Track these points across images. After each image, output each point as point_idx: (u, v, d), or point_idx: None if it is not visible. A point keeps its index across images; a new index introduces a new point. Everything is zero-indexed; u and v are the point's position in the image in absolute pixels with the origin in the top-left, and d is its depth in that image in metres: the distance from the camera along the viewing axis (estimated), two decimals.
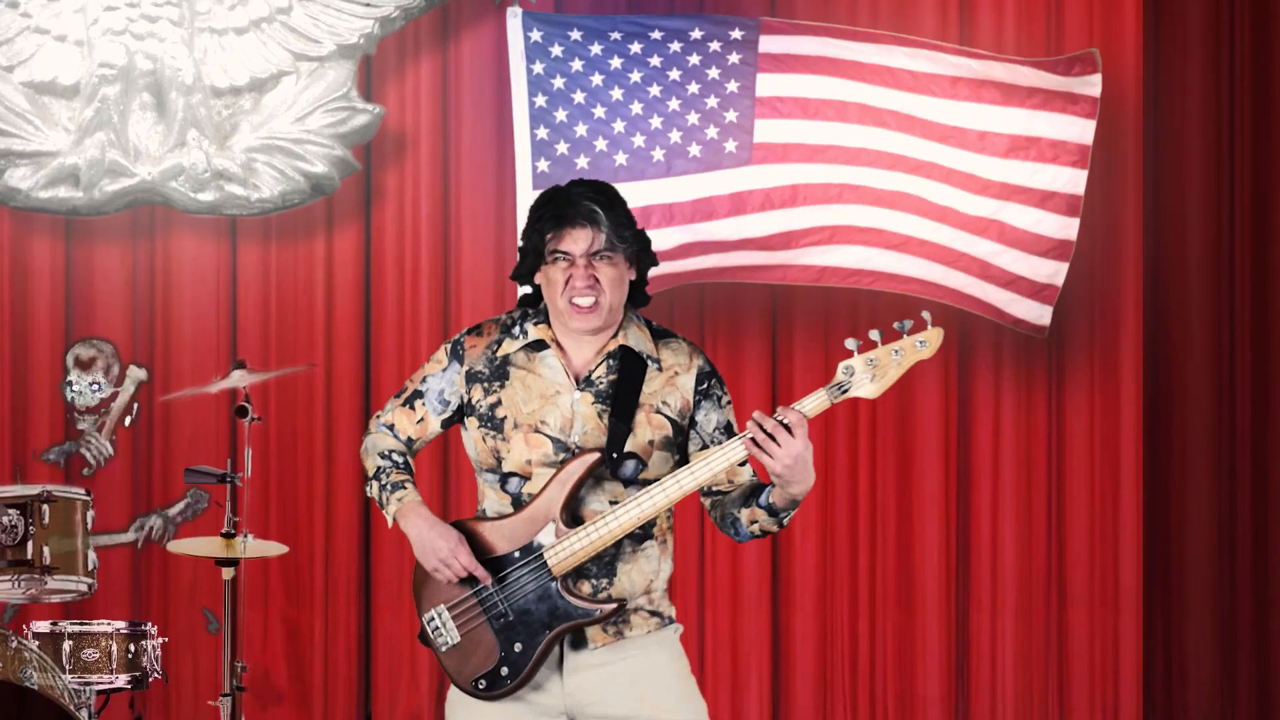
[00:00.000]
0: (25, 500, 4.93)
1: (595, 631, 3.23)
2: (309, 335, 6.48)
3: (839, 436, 6.50)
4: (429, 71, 6.49)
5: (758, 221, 6.02)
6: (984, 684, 6.48)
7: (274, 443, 6.44)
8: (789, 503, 3.18)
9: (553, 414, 3.24)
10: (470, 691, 3.22)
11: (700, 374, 3.30)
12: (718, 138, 5.96)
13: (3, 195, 6.28)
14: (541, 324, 3.29)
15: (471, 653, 3.22)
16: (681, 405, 3.28)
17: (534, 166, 5.89)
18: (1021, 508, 6.49)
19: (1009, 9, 6.45)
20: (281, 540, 6.05)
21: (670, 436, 3.26)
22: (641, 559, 3.26)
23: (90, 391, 6.38)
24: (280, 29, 6.32)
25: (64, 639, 5.06)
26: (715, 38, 5.97)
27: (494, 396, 3.27)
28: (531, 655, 3.19)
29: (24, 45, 6.27)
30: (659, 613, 3.29)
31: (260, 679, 6.41)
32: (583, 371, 3.27)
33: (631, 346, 3.28)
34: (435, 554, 3.21)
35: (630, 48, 5.96)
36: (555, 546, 3.18)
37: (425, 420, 3.33)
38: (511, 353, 3.29)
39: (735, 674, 6.47)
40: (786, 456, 3.07)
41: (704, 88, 5.97)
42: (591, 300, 3.22)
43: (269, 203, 6.33)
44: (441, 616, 3.24)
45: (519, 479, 3.25)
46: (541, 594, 3.19)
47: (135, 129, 6.27)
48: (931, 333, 3.19)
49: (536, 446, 3.24)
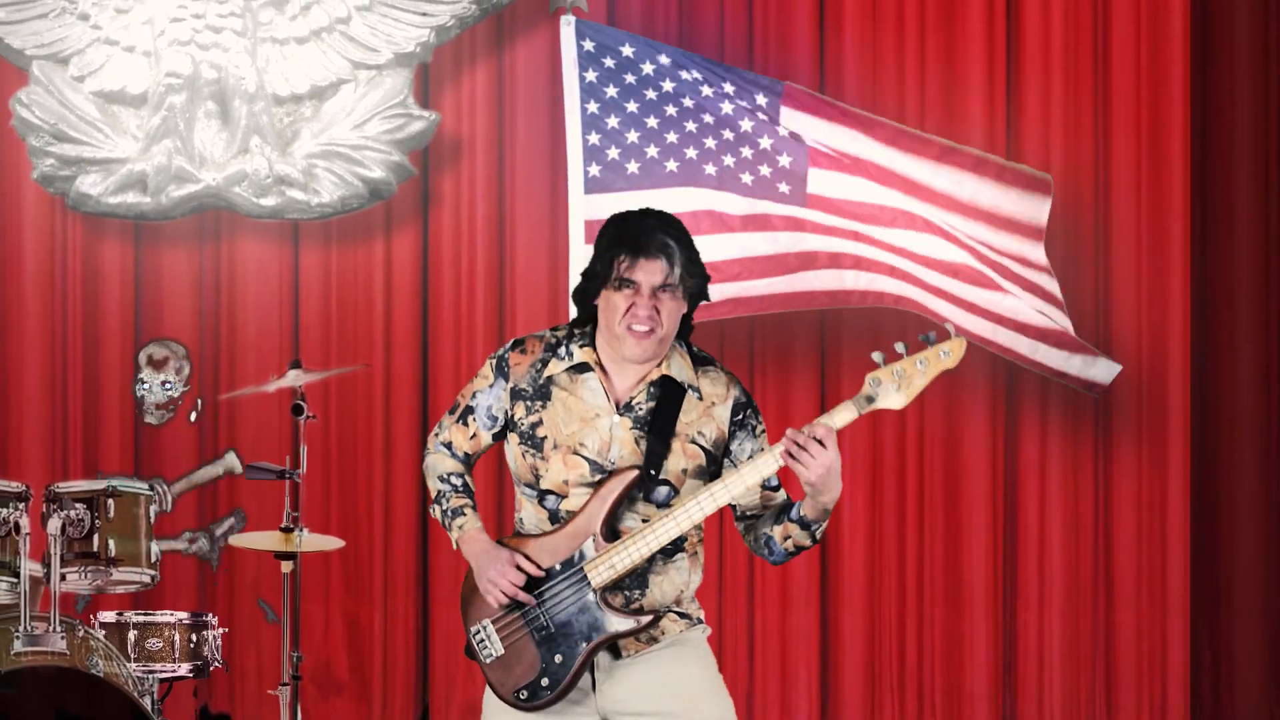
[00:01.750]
0: (92, 495, 5.04)
1: (629, 642, 3.32)
2: (368, 335, 6.56)
3: (887, 437, 6.50)
4: (484, 78, 6.56)
5: (816, 240, 6.02)
6: (1031, 682, 6.47)
7: (335, 440, 6.55)
8: (820, 513, 3.27)
9: (591, 436, 3.32)
10: (512, 702, 3.31)
11: (736, 405, 3.37)
12: (770, 177, 5.97)
13: (74, 201, 6.39)
14: (587, 347, 3.35)
15: (514, 664, 3.30)
16: (716, 436, 3.35)
17: (586, 171, 5.95)
18: (1069, 507, 6.47)
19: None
20: (342, 535, 6.15)
21: (703, 466, 3.34)
22: (673, 570, 3.34)
23: (161, 389, 6.48)
24: (340, 38, 6.40)
25: (129, 629, 5.16)
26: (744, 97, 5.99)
27: (535, 416, 3.34)
28: (571, 666, 3.27)
29: (94, 56, 6.38)
30: (687, 615, 3.38)
31: (321, 670, 6.52)
32: (624, 397, 3.34)
33: (673, 376, 3.35)
34: (485, 574, 3.30)
35: (681, 74, 6.00)
36: (595, 560, 3.27)
37: (478, 436, 3.42)
38: (556, 374, 3.36)
39: (785, 670, 6.49)
40: (819, 467, 3.17)
41: (757, 126, 5.99)
42: (648, 329, 3.29)
43: (329, 207, 6.42)
44: (486, 629, 3.33)
45: (556, 496, 3.33)
46: (581, 607, 3.27)
47: (200, 136, 6.36)
48: (954, 342, 3.25)
49: (574, 467, 3.31)
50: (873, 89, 6.42)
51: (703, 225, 5.94)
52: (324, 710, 6.54)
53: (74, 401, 6.56)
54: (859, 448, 6.49)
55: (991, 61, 6.48)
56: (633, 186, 5.88)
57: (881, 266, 6.00)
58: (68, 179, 6.38)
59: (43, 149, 6.36)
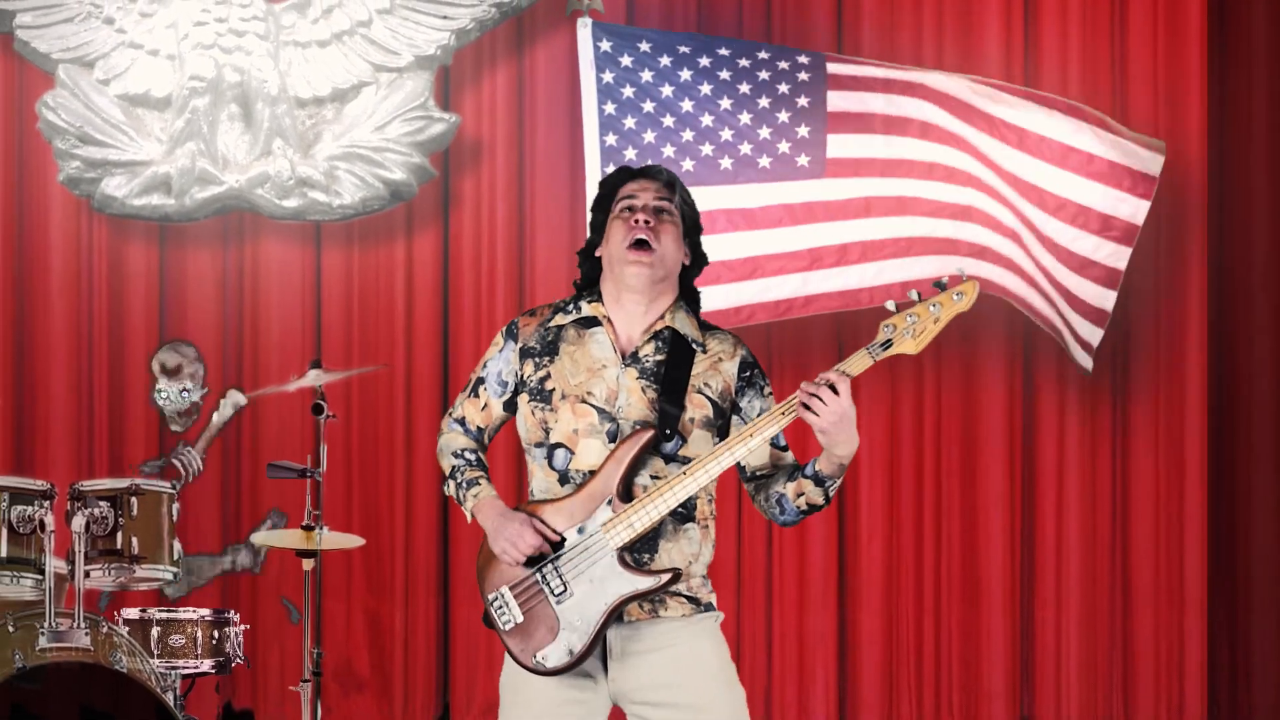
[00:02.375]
0: (115, 493, 5.09)
1: (633, 606, 3.31)
2: (389, 335, 6.60)
3: (904, 433, 6.52)
4: (504, 81, 6.59)
5: (830, 231, 6.04)
6: (1049, 680, 6.47)
7: (356, 440, 6.59)
8: (836, 468, 3.28)
9: (599, 386, 3.36)
10: (532, 668, 3.31)
11: (744, 362, 3.42)
12: (789, 152, 5.98)
13: (100, 203, 6.44)
14: (595, 302, 3.43)
15: (534, 630, 3.31)
16: (723, 388, 3.39)
17: (603, 172, 5.92)
18: (1086, 505, 6.47)
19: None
20: (364, 533, 6.18)
21: (710, 417, 3.37)
22: (683, 539, 3.36)
23: (180, 397, 6.51)
24: (361, 41, 6.43)
25: (152, 625, 5.19)
26: (783, 58, 6.01)
27: (544, 370, 3.39)
28: (591, 629, 3.28)
29: (119, 60, 6.42)
30: (696, 599, 3.38)
31: (343, 668, 6.56)
32: (629, 348, 3.39)
33: (678, 329, 3.40)
34: (502, 536, 3.31)
35: (700, 61, 6.02)
36: (613, 521, 3.28)
37: (489, 406, 3.46)
38: (564, 325, 3.42)
39: (802, 668, 6.50)
40: (831, 414, 3.19)
41: (774, 102, 6.00)
42: (650, 250, 3.35)
43: (350, 209, 6.45)
44: (504, 596, 3.33)
45: (565, 451, 3.35)
46: (600, 568, 3.28)
47: (224, 139, 6.40)
48: (967, 285, 3.26)
49: (583, 416, 3.35)
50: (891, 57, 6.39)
51: (719, 223, 5.97)
52: (346, 707, 6.58)
53: (99, 401, 6.61)
54: (877, 446, 6.51)
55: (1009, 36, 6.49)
56: None
57: (886, 247, 5.99)
58: (93, 181, 6.42)
59: (69, 151, 6.40)
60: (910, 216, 6.02)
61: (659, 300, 3.42)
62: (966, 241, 6.03)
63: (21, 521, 4.94)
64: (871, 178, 5.99)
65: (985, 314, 6.28)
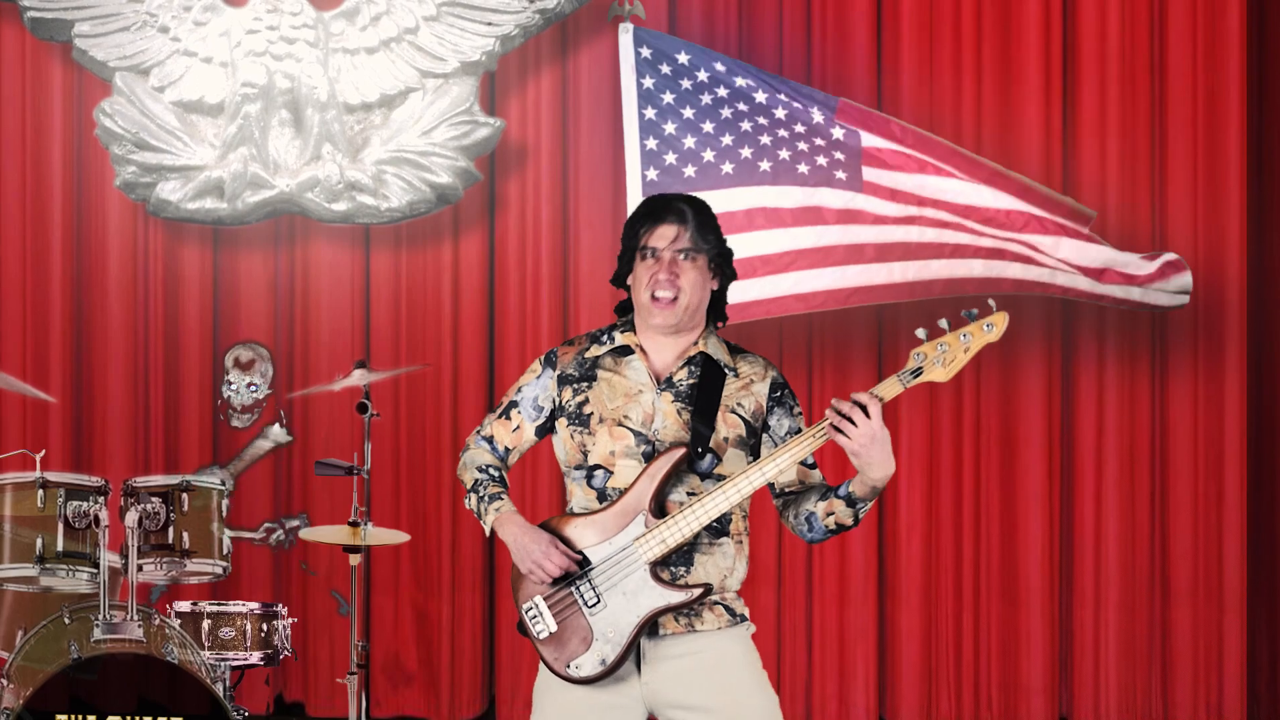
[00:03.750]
0: (167, 489, 5.24)
1: (668, 620, 3.39)
2: (436, 335, 6.66)
3: (944, 431, 6.53)
4: (548, 85, 6.64)
5: (870, 232, 6.06)
6: (1087, 677, 6.46)
7: (404, 438, 6.67)
8: (869, 491, 3.32)
9: (635, 410, 3.44)
10: (565, 676, 3.39)
11: (774, 383, 3.49)
12: (826, 165, 6.01)
13: (155, 207, 6.54)
14: (628, 331, 3.50)
15: (567, 640, 3.38)
16: (755, 408, 3.46)
17: (644, 175, 6.02)
18: (1125, 503, 6.46)
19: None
20: (411, 530, 6.26)
21: (743, 436, 3.44)
22: (718, 554, 3.43)
23: (247, 391, 6.63)
24: (408, 48, 6.50)
25: (203, 618, 5.31)
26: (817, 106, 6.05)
27: (582, 396, 3.47)
28: (624, 640, 3.36)
29: (174, 67, 6.51)
30: (731, 610, 3.45)
31: (391, 661, 6.65)
32: (664, 373, 3.47)
33: (710, 354, 3.47)
34: (529, 557, 3.39)
35: (735, 81, 6.06)
36: (645, 536, 3.36)
37: (521, 428, 3.53)
38: (599, 355, 3.49)
39: (842, 663, 6.52)
40: (861, 435, 3.22)
41: (810, 129, 6.03)
42: (671, 295, 3.41)
43: (397, 212, 6.53)
44: (539, 606, 3.41)
45: (604, 472, 3.43)
46: (632, 581, 3.36)
47: (275, 144, 6.48)
48: (997, 316, 3.30)
49: (620, 439, 3.43)
50: (929, 100, 6.45)
51: (757, 221, 6.01)
52: (394, 700, 6.66)
53: (155, 400, 6.70)
54: (916, 445, 6.53)
55: (1048, 73, 6.49)
56: (689, 189, 5.94)
57: (929, 249, 6.01)
58: (148, 186, 6.53)
59: (125, 157, 6.51)
60: (952, 230, 6.03)
61: (690, 332, 3.49)
62: (1012, 252, 6.03)
63: (77, 517, 5.09)
64: (908, 205, 6.02)
65: (1024, 313, 6.31)
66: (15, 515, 5.10)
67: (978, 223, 5.99)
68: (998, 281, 6.04)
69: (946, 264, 6.05)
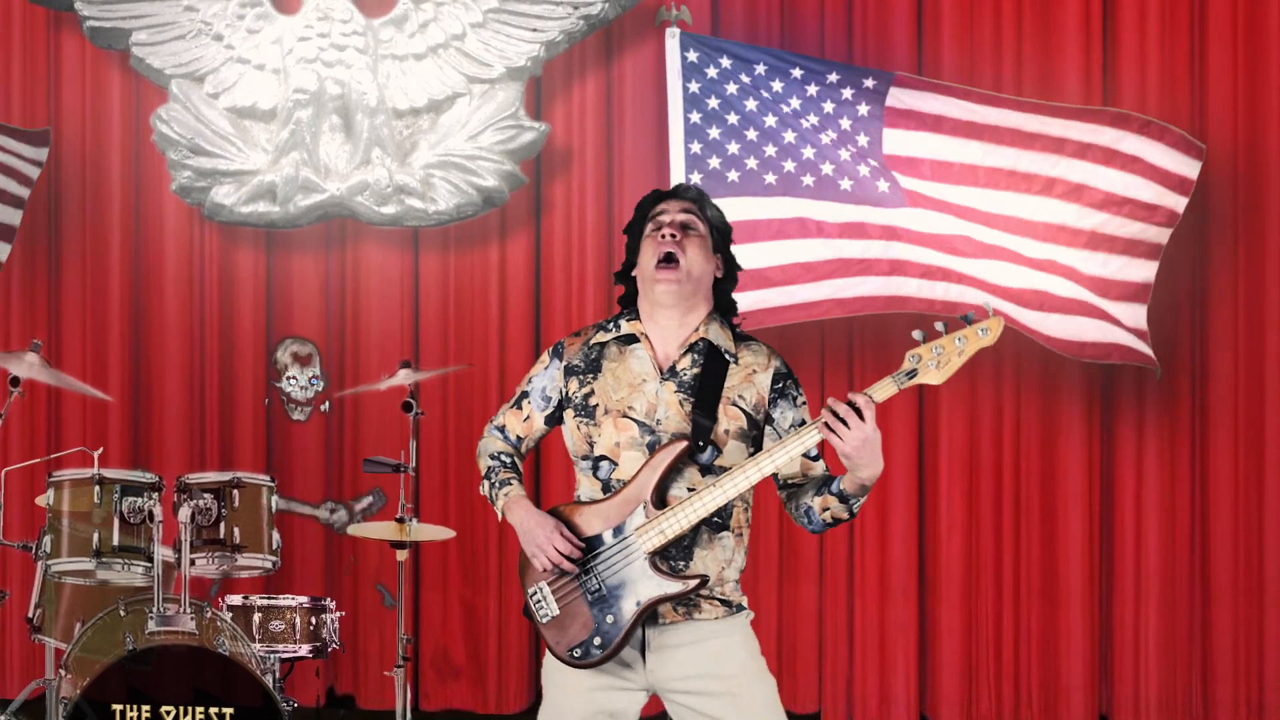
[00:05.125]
0: (219, 486, 5.34)
1: (667, 609, 3.47)
2: (484, 335, 6.75)
3: (984, 431, 6.53)
4: (593, 90, 6.71)
5: (913, 251, 6.08)
6: (1127, 676, 6.46)
7: (452, 436, 6.75)
8: (858, 489, 3.38)
9: (639, 401, 3.51)
10: (566, 660, 3.48)
11: (777, 374, 3.55)
12: (869, 176, 6.03)
13: (210, 210, 6.66)
14: (633, 320, 3.58)
15: (569, 624, 3.47)
16: (756, 400, 3.52)
17: (688, 179, 6.06)
18: (1165, 501, 6.44)
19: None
20: (459, 527, 6.36)
21: (744, 428, 3.51)
22: (717, 547, 3.51)
23: (310, 384, 6.73)
24: (455, 54, 6.58)
25: (254, 611, 5.42)
26: (849, 84, 6.06)
27: (588, 387, 3.55)
28: (622, 627, 3.44)
29: (228, 74, 6.63)
30: (729, 601, 3.53)
31: (440, 655, 6.74)
32: (666, 363, 3.54)
33: (712, 340, 3.54)
34: (534, 541, 3.49)
35: (773, 85, 6.09)
36: (645, 526, 3.43)
37: (531, 418, 3.64)
38: (605, 342, 3.57)
39: (883, 659, 6.55)
40: (854, 438, 3.27)
41: (854, 124, 6.05)
42: (675, 263, 3.49)
43: (445, 214, 6.61)
44: (543, 591, 3.50)
45: (609, 463, 3.51)
46: (631, 570, 3.44)
47: (325, 148, 6.58)
48: (992, 321, 3.34)
49: (624, 430, 3.51)
50: (970, 81, 6.43)
51: (798, 230, 6.04)
52: (442, 693, 6.75)
53: (210, 398, 6.83)
54: (957, 444, 6.56)
55: (1088, 53, 6.48)
56: (732, 193, 5.99)
57: (967, 279, 6.03)
58: (204, 190, 6.65)
59: (181, 162, 6.64)
60: (999, 261, 6.03)
61: (692, 314, 3.55)
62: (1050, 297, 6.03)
63: (132, 512, 5.20)
64: (948, 215, 6.02)
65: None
66: (73, 511, 5.21)
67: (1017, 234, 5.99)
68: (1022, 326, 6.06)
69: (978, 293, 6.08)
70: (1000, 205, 6.00)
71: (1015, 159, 5.98)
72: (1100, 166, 5.93)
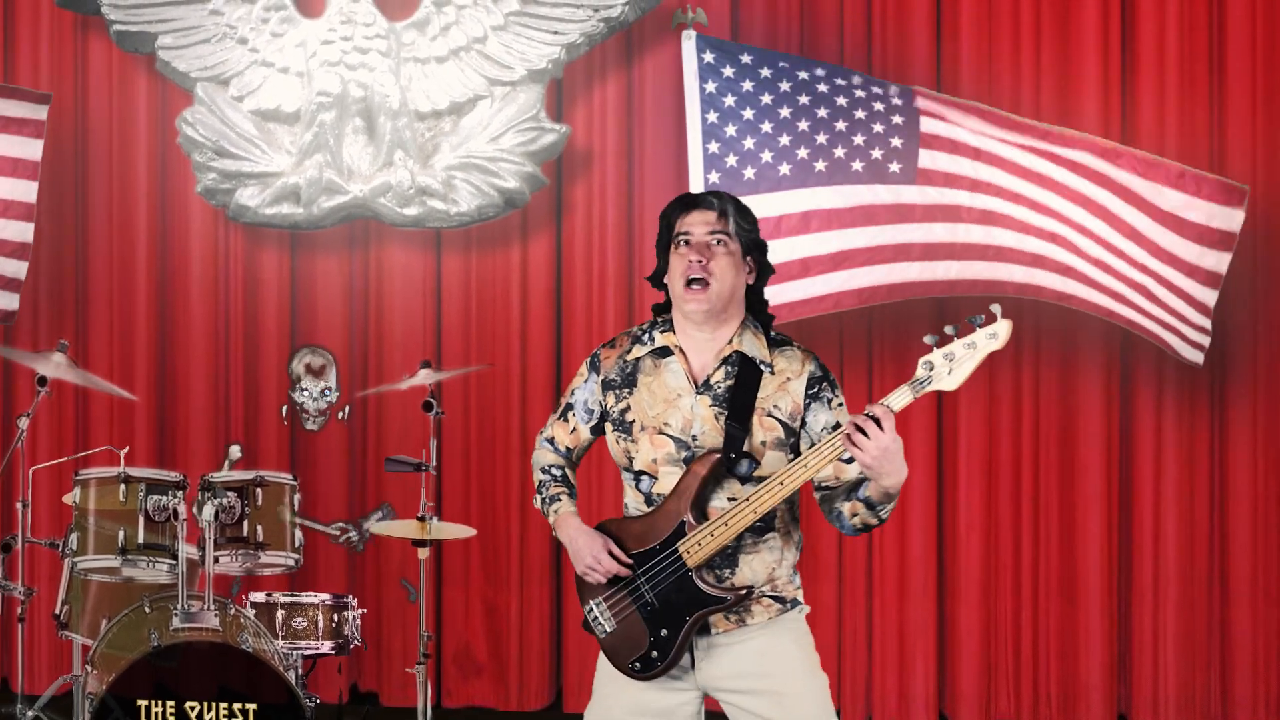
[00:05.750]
0: (242, 485, 5.40)
1: (719, 619, 3.52)
2: (505, 336, 6.79)
3: (1003, 429, 6.54)
4: (613, 92, 6.75)
5: (921, 230, 6.09)
6: (1146, 675, 6.46)
7: (474, 436, 6.80)
8: (883, 495, 3.41)
9: (675, 416, 3.54)
10: (627, 673, 3.55)
11: (811, 379, 3.56)
12: (881, 159, 6.05)
13: (234, 212, 6.73)
14: (667, 331, 3.60)
15: (626, 638, 3.54)
16: (792, 409, 3.54)
17: (706, 179, 6.08)
18: (1184, 501, 6.44)
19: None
20: (480, 525, 6.40)
21: (781, 438, 3.53)
22: (764, 549, 3.54)
23: (321, 397, 6.79)
24: (476, 57, 6.62)
25: (277, 608, 5.48)
26: (875, 99, 6.07)
27: (624, 403, 3.59)
28: (676, 638, 3.49)
29: (252, 77, 6.69)
30: (781, 597, 3.56)
31: (462, 652, 6.79)
32: (701, 376, 3.56)
33: (746, 352, 3.55)
34: (582, 560, 3.56)
35: (799, 74, 6.11)
36: (687, 540, 3.48)
37: (577, 430, 3.69)
38: (640, 357, 3.60)
39: (902, 659, 6.56)
40: (874, 448, 3.28)
41: (870, 115, 6.07)
42: (703, 282, 3.50)
43: (466, 216, 6.65)
44: (599, 608, 3.57)
45: (648, 478, 3.56)
46: (680, 584, 3.49)
47: (349, 151, 6.63)
48: (1000, 325, 3.35)
49: (661, 446, 3.54)
50: (989, 95, 6.48)
51: (813, 223, 6.06)
52: (465, 690, 6.80)
53: (235, 398, 6.90)
54: (975, 442, 6.57)
55: (1107, 65, 6.50)
56: (749, 191, 6.00)
57: (973, 250, 6.05)
58: (228, 192, 6.72)
59: (206, 164, 6.70)
60: (998, 228, 6.06)
61: (725, 326, 3.57)
62: (1053, 259, 6.05)
63: (157, 510, 5.26)
64: (961, 190, 6.05)
65: (1082, 312, 6.31)
66: (99, 509, 5.28)
67: (1027, 209, 6.00)
68: (1037, 289, 6.08)
69: (989, 266, 6.08)
70: (1048, 198, 6.02)
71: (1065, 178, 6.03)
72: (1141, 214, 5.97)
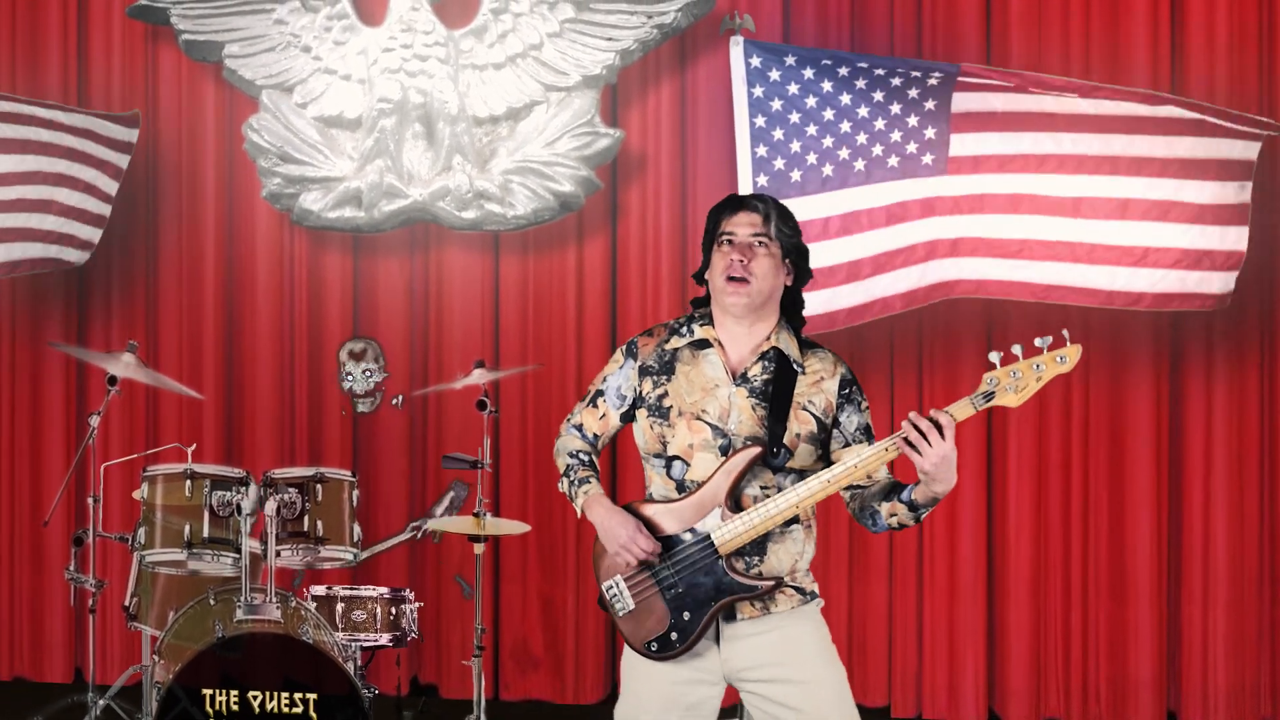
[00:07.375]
0: (303, 481, 5.53)
1: (745, 606, 3.60)
2: (561, 336, 6.89)
3: (1052, 430, 6.55)
4: (667, 97, 6.82)
5: (948, 224, 6.13)
6: (1195, 675, 6.46)
7: (531, 434, 6.89)
8: (930, 500, 3.48)
9: (712, 404, 3.62)
10: (643, 652, 3.62)
11: (843, 380, 3.67)
12: (915, 152, 6.09)
13: (298, 216, 6.86)
14: (706, 325, 3.68)
15: (645, 618, 3.61)
16: (825, 405, 3.63)
17: (754, 182, 6.14)
18: (1234, 501, 6.43)
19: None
20: (536, 522, 6.50)
21: (815, 432, 3.62)
22: (789, 540, 3.63)
23: (364, 378, 6.89)
24: (533, 64, 6.72)
25: (337, 601, 5.60)
26: (913, 84, 6.11)
27: (661, 389, 3.67)
28: (699, 623, 3.57)
29: (315, 85, 6.82)
30: (802, 589, 3.65)
31: (519, 646, 6.89)
32: (739, 368, 3.65)
33: (782, 350, 3.65)
34: (616, 540, 3.61)
35: (839, 71, 6.16)
36: (722, 529, 3.56)
37: (607, 416, 3.76)
38: (679, 348, 3.68)
39: (952, 658, 6.59)
40: (935, 455, 3.36)
41: (905, 106, 6.11)
42: (742, 278, 3.59)
43: (522, 219, 6.75)
44: (619, 585, 3.63)
45: (682, 464, 3.63)
46: (708, 570, 3.57)
47: (408, 156, 6.73)
48: (1070, 349, 3.41)
49: (698, 432, 3.62)
50: (1038, 62, 6.46)
51: (858, 225, 6.10)
52: (522, 684, 6.91)
53: (300, 397, 7.02)
54: (1025, 444, 6.59)
55: (1156, 33, 6.48)
56: (796, 194, 6.07)
57: (996, 247, 6.07)
58: (292, 196, 6.85)
59: (270, 169, 6.84)
60: (1023, 215, 6.08)
61: (762, 323, 3.66)
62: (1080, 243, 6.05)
63: (221, 505, 5.41)
64: (989, 174, 6.07)
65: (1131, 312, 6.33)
66: (166, 504, 5.43)
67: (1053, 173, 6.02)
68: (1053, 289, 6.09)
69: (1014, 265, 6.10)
70: (1056, 187, 6.06)
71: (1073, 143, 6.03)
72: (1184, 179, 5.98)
